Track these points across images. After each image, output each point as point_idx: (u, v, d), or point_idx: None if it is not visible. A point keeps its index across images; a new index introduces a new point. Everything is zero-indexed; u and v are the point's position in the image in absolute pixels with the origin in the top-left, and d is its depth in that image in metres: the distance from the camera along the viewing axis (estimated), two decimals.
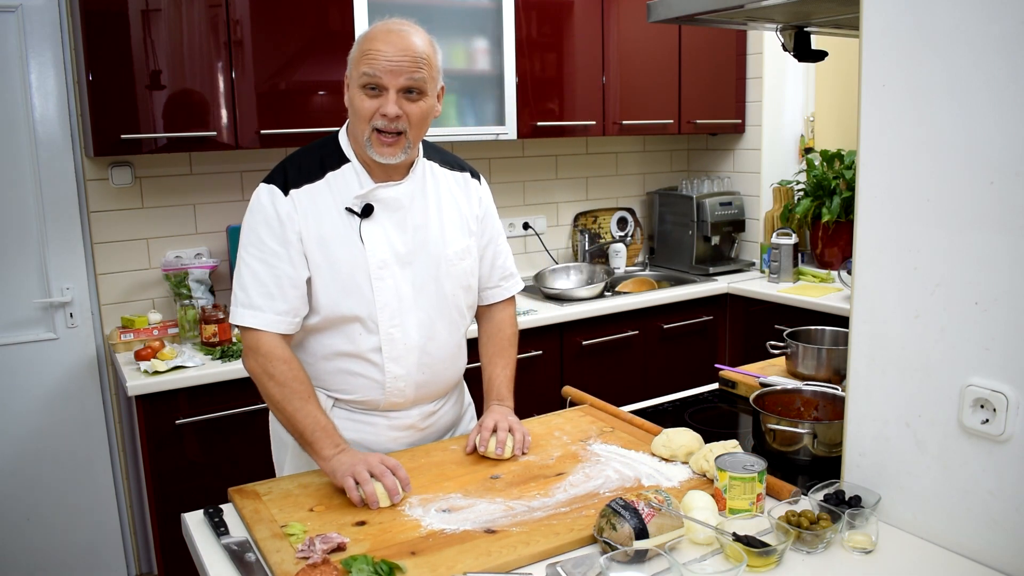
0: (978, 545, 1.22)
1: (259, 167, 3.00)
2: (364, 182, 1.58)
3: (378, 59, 1.48)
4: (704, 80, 3.66)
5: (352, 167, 1.59)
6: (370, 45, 1.49)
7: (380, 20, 1.55)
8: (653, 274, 3.78)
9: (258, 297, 1.54)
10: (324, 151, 1.61)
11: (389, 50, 1.48)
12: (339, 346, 1.61)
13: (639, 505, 1.24)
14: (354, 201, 1.57)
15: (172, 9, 2.48)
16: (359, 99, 1.51)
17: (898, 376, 1.31)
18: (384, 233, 1.59)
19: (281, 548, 1.28)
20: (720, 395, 2.08)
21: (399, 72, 1.49)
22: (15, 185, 2.65)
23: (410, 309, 1.62)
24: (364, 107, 1.50)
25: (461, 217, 1.71)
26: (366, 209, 1.57)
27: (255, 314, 1.54)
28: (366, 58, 1.49)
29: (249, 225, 1.57)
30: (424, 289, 1.64)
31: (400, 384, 1.65)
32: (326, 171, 1.58)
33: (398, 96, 1.50)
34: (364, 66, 1.49)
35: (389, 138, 1.52)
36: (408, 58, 1.49)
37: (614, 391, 2.63)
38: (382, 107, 1.49)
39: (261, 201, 1.56)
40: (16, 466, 2.72)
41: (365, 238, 1.57)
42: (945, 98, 1.20)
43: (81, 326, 2.78)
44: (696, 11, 1.71)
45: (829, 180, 3.56)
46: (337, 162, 1.59)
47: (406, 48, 1.49)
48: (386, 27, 1.52)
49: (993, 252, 1.17)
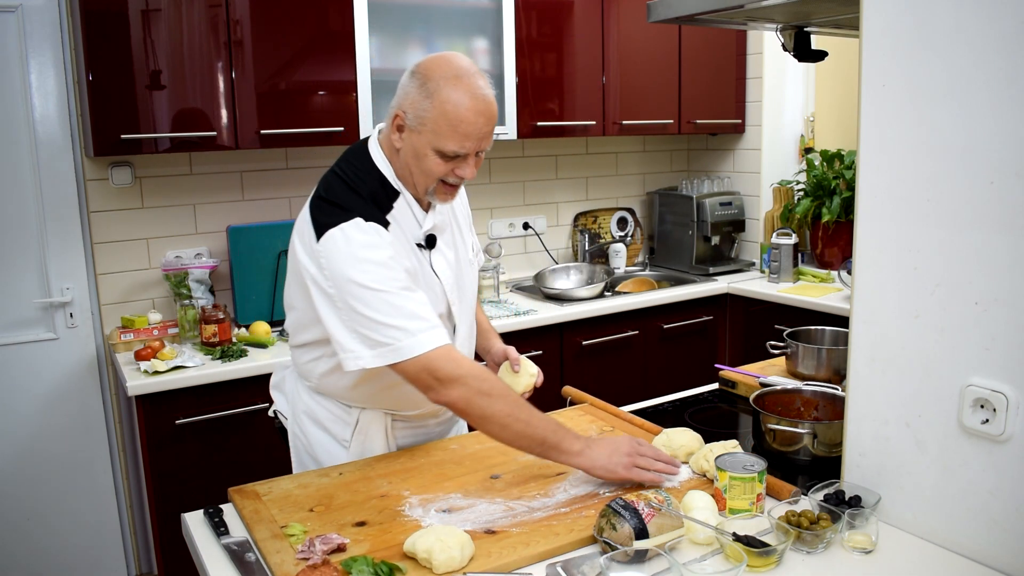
0: (978, 545, 1.22)
1: (259, 167, 3.00)
2: (417, 213, 1.58)
3: (471, 136, 1.46)
4: (704, 80, 3.66)
5: (404, 199, 1.56)
6: (460, 117, 1.43)
7: (454, 75, 1.45)
8: (653, 274, 3.78)
9: (433, 317, 1.46)
10: (374, 187, 1.53)
11: (479, 121, 1.46)
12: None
13: (639, 505, 1.24)
14: (421, 236, 1.58)
15: (172, 9, 2.48)
16: (435, 163, 1.48)
17: (898, 376, 1.31)
18: (444, 259, 1.62)
19: (281, 548, 1.28)
20: (720, 395, 2.08)
21: (480, 140, 1.49)
22: (15, 185, 2.65)
23: (466, 320, 1.68)
24: (439, 171, 1.49)
25: (464, 219, 1.77)
26: (430, 240, 1.59)
27: (438, 332, 1.44)
28: (457, 133, 1.45)
29: (372, 261, 1.43)
30: (465, 297, 1.69)
31: None
32: (387, 208, 1.53)
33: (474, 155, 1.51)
34: (453, 142, 1.45)
35: (455, 189, 1.56)
36: (491, 126, 1.49)
37: (614, 391, 2.63)
38: (458, 169, 1.50)
39: (377, 239, 1.46)
40: (16, 466, 2.72)
41: (436, 269, 1.60)
42: (945, 98, 1.20)
43: (81, 326, 2.78)
44: (696, 11, 1.71)
45: (829, 180, 3.56)
46: (389, 198, 1.54)
47: (491, 117, 1.48)
48: (471, 92, 1.44)
49: (993, 252, 1.17)
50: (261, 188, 3.02)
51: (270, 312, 2.89)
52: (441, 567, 1.19)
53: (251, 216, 3.00)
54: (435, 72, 1.46)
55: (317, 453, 1.71)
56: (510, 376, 1.76)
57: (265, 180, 3.03)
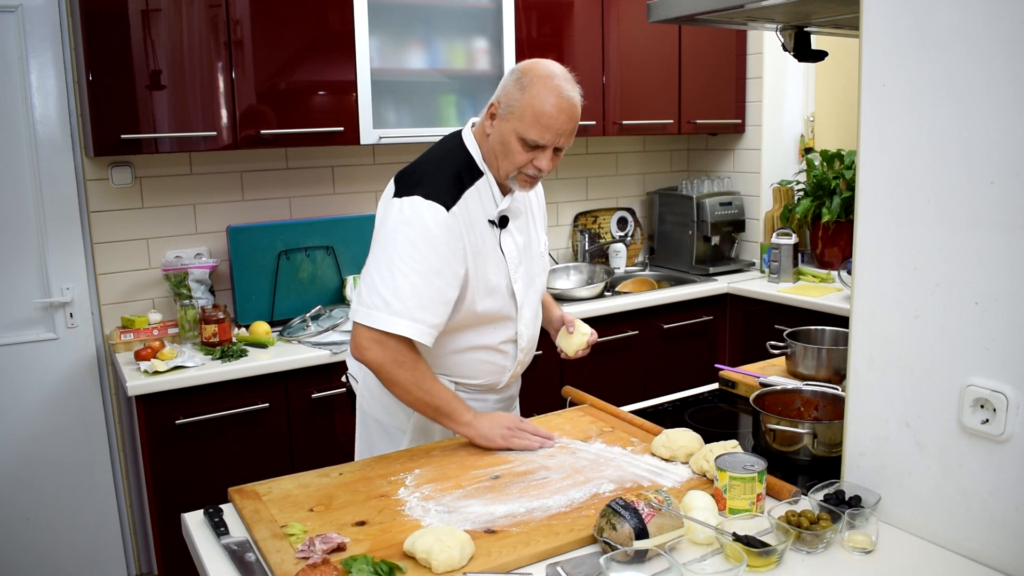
0: (978, 545, 1.22)
1: (259, 167, 3.00)
2: (496, 194, 1.72)
3: (551, 129, 1.60)
4: (704, 80, 3.66)
5: (487, 180, 1.71)
6: (544, 110, 1.59)
7: (547, 75, 1.60)
8: (653, 274, 3.78)
9: (416, 309, 1.59)
10: (459, 165, 1.69)
11: (562, 118, 1.60)
12: (475, 340, 1.75)
13: (639, 505, 1.24)
14: (495, 214, 1.71)
15: (172, 9, 2.48)
16: (517, 150, 1.63)
17: (898, 376, 1.31)
18: (514, 241, 1.75)
19: (281, 548, 1.28)
20: (720, 395, 2.08)
21: (561, 136, 1.62)
22: (15, 185, 2.65)
23: (531, 303, 1.81)
24: (520, 158, 1.64)
25: (541, 215, 1.92)
26: (502, 220, 1.72)
27: (411, 325, 1.59)
28: (539, 124, 1.59)
29: (407, 237, 1.60)
30: (534, 283, 1.83)
31: (519, 369, 1.85)
32: (467, 185, 1.68)
33: (552, 151, 1.64)
34: (535, 132, 1.60)
35: (533, 180, 1.69)
36: (572, 125, 1.63)
37: (614, 391, 2.63)
38: (537, 161, 1.64)
39: (423, 220, 1.60)
40: (16, 466, 2.72)
41: (504, 247, 1.73)
42: (945, 98, 1.20)
43: (81, 326, 2.78)
44: (696, 11, 1.71)
45: (829, 180, 3.56)
46: (472, 176, 1.69)
47: (573, 116, 1.62)
48: (558, 91, 1.59)
49: (993, 252, 1.17)
50: (261, 188, 3.02)
51: (270, 312, 2.89)
52: (441, 567, 1.19)
53: (251, 216, 3.00)
54: (532, 71, 1.63)
55: (380, 415, 1.83)
56: (566, 338, 1.96)
57: (265, 180, 3.03)
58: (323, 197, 3.14)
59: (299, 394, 2.59)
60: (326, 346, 2.64)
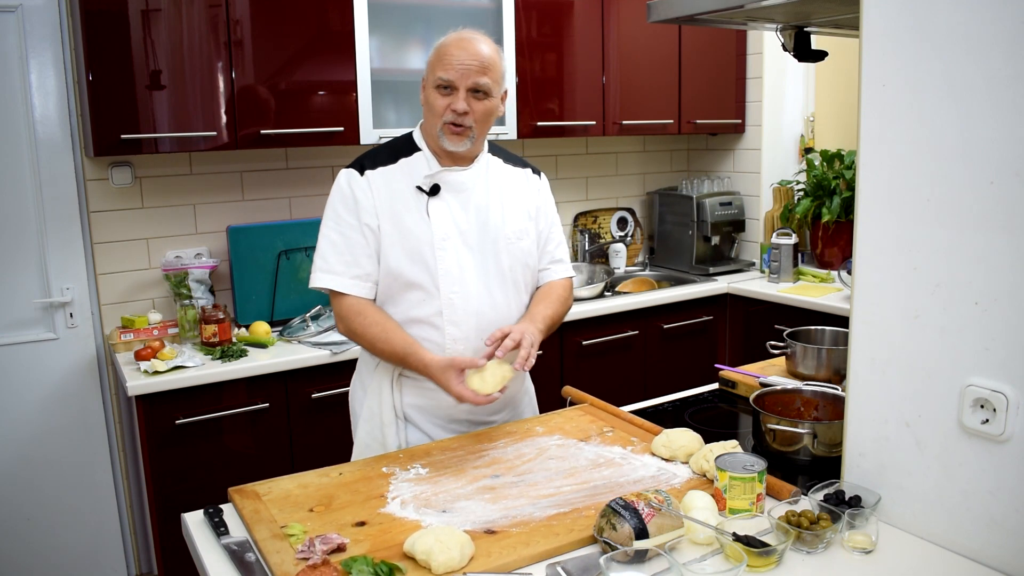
0: (978, 545, 1.22)
1: (259, 167, 3.00)
2: (433, 166, 1.79)
3: (452, 63, 1.70)
4: (704, 80, 3.66)
5: (423, 155, 1.80)
6: (445, 51, 1.72)
7: (454, 31, 1.76)
8: (653, 274, 3.78)
9: (337, 264, 1.75)
10: (398, 143, 1.84)
11: (461, 55, 1.70)
12: (404, 312, 1.77)
13: (639, 505, 1.24)
14: (424, 181, 1.78)
15: (172, 9, 2.48)
16: (434, 97, 1.73)
17: (898, 376, 1.31)
18: (448, 210, 1.78)
19: (281, 548, 1.28)
20: (720, 395, 2.08)
21: (468, 75, 1.70)
22: (15, 185, 2.65)
23: (471, 279, 1.78)
24: (438, 104, 1.73)
25: (520, 203, 1.89)
26: (434, 188, 1.78)
27: (334, 278, 1.75)
28: (441, 63, 1.72)
29: (329, 204, 1.80)
30: (484, 263, 1.81)
31: (459, 347, 1.77)
32: (399, 157, 1.80)
33: (467, 95, 1.71)
34: (439, 70, 1.71)
35: (458, 128, 1.73)
36: (476, 63, 1.71)
37: (614, 391, 2.63)
38: (452, 104, 1.71)
39: (339, 183, 1.79)
40: (16, 467, 2.72)
41: (431, 213, 1.77)
42: (945, 98, 1.20)
43: (81, 326, 2.78)
44: (696, 11, 1.71)
45: (829, 180, 3.56)
46: (409, 151, 1.81)
47: (475, 54, 1.71)
48: (459, 36, 1.74)
49: (993, 252, 1.17)
50: (261, 188, 3.02)
51: (270, 312, 2.89)
52: (440, 567, 1.19)
53: (251, 216, 3.00)
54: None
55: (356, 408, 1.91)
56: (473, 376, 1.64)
57: (265, 180, 3.03)
58: (323, 197, 3.08)
59: (299, 394, 2.59)
60: (326, 346, 2.64)
